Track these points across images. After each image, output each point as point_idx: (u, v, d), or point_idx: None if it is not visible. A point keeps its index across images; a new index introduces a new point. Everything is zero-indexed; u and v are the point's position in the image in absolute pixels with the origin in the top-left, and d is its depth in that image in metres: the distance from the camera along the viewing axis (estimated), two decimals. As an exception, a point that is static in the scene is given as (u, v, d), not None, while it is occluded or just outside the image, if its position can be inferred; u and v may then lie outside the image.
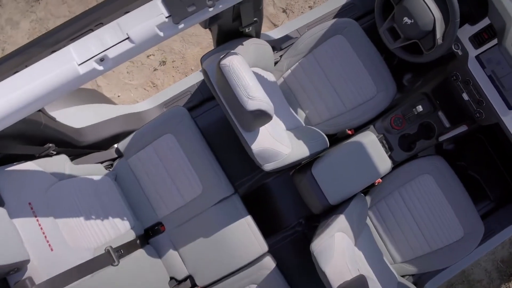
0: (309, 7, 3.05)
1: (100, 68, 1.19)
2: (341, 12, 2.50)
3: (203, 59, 1.79)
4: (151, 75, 2.99)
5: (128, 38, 1.19)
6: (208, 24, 1.58)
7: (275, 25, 3.03)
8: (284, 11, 3.06)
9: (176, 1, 1.20)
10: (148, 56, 2.99)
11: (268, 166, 1.70)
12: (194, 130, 2.04)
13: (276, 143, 1.69)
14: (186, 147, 2.04)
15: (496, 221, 2.40)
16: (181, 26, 1.22)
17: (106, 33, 1.20)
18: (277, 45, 2.37)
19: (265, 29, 3.02)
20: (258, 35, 2.01)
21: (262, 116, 1.49)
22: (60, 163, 1.78)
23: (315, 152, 1.94)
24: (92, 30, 1.22)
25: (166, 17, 1.21)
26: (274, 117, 1.91)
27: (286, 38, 2.41)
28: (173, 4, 1.20)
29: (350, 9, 2.52)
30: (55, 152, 1.78)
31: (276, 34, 2.43)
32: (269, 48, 2.03)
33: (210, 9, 1.23)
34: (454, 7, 1.70)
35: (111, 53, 1.20)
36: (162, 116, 2.08)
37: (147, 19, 1.20)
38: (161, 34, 1.21)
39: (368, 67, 2.19)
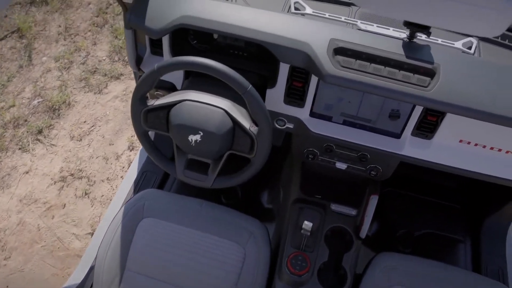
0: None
1: None
2: (138, 190, 1.82)
3: None
4: None
5: None
6: None
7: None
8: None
9: None
10: None
11: None
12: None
13: None
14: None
15: (490, 253, 1.81)
16: None
17: None
18: None
19: None
20: None
21: None
22: None
23: None
24: None
25: None
26: None
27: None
28: None
29: (146, 181, 1.86)
30: None
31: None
32: None
33: None
34: (232, 78, 1.10)
35: None
36: None
37: None
38: None
39: (208, 228, 1.43)
